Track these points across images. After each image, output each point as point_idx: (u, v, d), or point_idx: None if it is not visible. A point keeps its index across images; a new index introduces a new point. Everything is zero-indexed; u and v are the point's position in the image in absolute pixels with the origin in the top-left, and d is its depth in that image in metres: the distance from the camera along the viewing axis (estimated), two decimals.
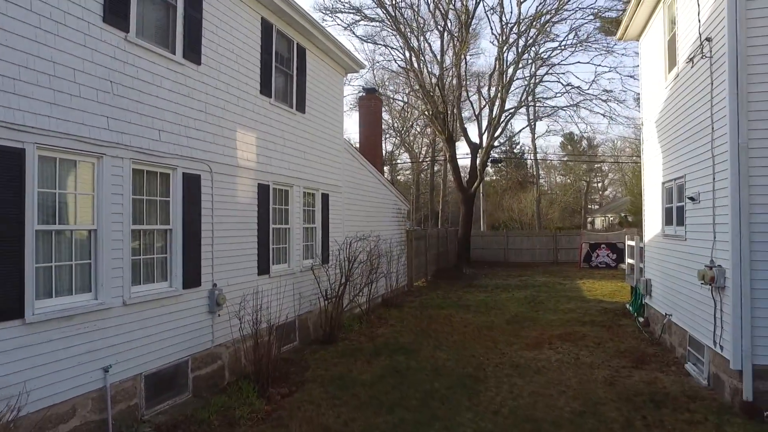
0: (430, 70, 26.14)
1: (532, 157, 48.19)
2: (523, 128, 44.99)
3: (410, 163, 46.96)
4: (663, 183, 10.43)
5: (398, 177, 52.20)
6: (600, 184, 74.50)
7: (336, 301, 11.27)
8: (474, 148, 26.71)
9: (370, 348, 10.35)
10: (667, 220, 10.24)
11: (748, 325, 6.73)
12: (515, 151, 70.54)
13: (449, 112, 25.63)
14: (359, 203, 14.59)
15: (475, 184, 26.67)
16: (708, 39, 7.53)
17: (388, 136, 44.85)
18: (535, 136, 46.36)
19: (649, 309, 11.89)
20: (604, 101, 27.68)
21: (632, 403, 7.20)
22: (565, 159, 63.08)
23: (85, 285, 5.92)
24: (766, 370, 6.76)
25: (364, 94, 18.55)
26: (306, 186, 11.06)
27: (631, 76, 37.59)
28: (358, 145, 16.93)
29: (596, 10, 25.54)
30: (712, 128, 7.47)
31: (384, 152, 45.88)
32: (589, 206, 67.36)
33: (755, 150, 6.80)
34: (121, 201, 6.29)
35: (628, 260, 15.67)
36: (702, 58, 7.70)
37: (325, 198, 11.92)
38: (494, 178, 74.29)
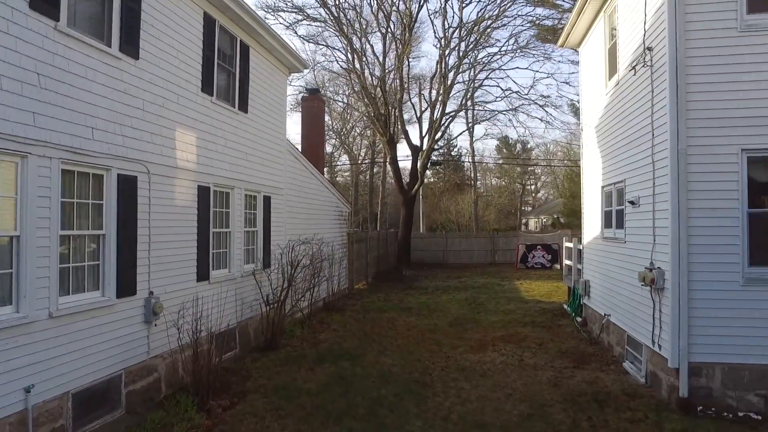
0: (372, 71, 26.12)
1: (470, 160, 48.99)
2: (463, 132, 45.57)
3: (349, 165, 46.79)
4: (603, 187, 10.73)
5: (337, 178, 51.92)
6: (533, 187, 76.80)
7: (278, 306, 10.96)
8: (415, 150, 26.85)
9: (314, 354, 10.12)
10: (607, 223, 10.54)
11: (685, 324, 6.97)
12: (453, 153, 71.82)
13: (391, 114, 25.65)
14: (302, 206, 14.30)
15: (416, 187, 26.83)
16: (649, 48, 7.77)
17: (327, 137, 44.50)
18: (474, 139, 47.16)
19: (587, 309, 12.22)
20: (542, 106, 28.36)
21: (577, 404, 7.31)
22: (500, 162, 64.59)
23: (5, 297, 5.41)
24: (700, 367, 7.04)
25: (306, 95, 18.25)
26: (248, 188, 10.70)
27: (566, 83, 38.86)
28: (299, 147, 16.59)
29: (534, 18, 26.22)
30: (653, 134, 7.71)
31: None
32: (523, 208, 69.29)
33: (693, 156, 7.05)
34: (48, 204, 5.80)
35: (566, 261, 16.11)
36: (643, 66, 7.94)
37: (267, 200, 11.58)
38: (432, 180, 75.25)
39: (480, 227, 46.71)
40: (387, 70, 25.29)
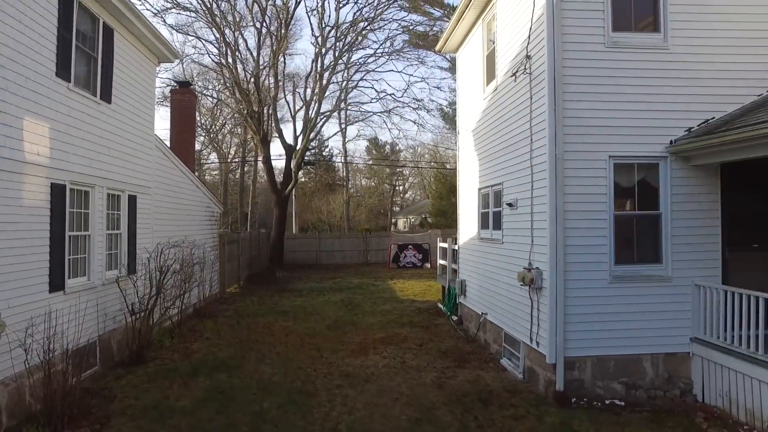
0: (246, 67, 25.12)
1: (342, 160, 49.12)
2: (336, 133, 45.54)
3: (219, 163, 44.84)
4: (480, 189, 11.07)
5: (206, 177, 49.56)
6: (401, 188, 78.89)
7: (145, 315, 10.04)
8: (289, 149, 26.27)
9: (187, 367, 9.37)
10: (484, 224, 10.89)
11: (561, 322, 7.33)
12: (324, 153, 71.70)
13: (265, 111, 24.86)
14: (171, 206, 13.29)
15: (290, 186, 26.26)
16: (528, 56, 8.09)
17: (196, 134, 42.32)
18: (346, 140, 47.33)
19: (463, 308, 12.59)
20: (415, 109, 29.06)
21: (463, 405, 7.40)
22: (371, 163, 65.56)
23: None
24: (574, 361, 7.44)
25: (176, 87, 16.98)
26: (111, 186, 9.66)
27: (438, 87, 40.37)
28: (168, 143, 15.42)
29: (407, 24, 26.79)
30: (531, 139, 8.03)
31: None
32: (393, 208, 70.98)
33: (569, 161, 7.43)
34: None
35: (440, 261, 16.54)
36: (524, 73, 8.24)
37: (132, 200, 10.57)
38: (303, 180, 74.53)
39: (351, 227, 47.01)
40: (261, 66, 24.44)
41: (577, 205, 7.44)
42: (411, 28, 26.40)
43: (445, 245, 15.48)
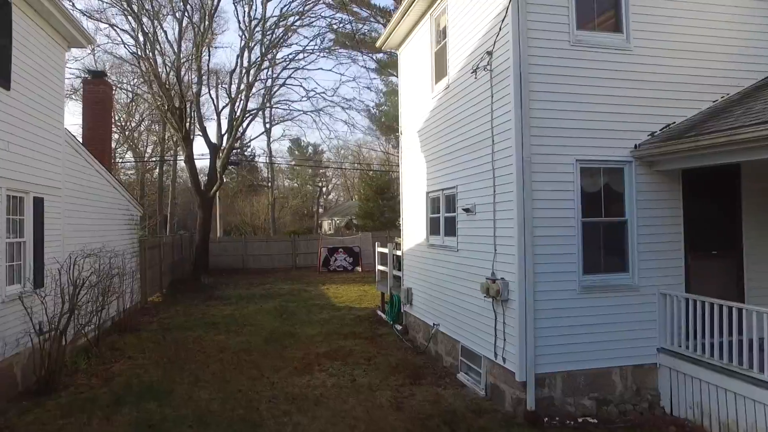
0: (166, 60, 23.44)
1: (267, 161, 47.55)
2: (262, 133, 43.73)
3: (134, 162, 42.17)
4: (428, 193, 10.54)
5: (121, 177, 46.50)
6: (324, 189, 78.16)
7: (57, 335, 8.77)
8: (214, 148, 24.82)
9: (108, 395, 8.21)
10: (433, 230, 10.36)
11: (532, 337, 6.87)
12: (246, 153, 69.65)
13: (187, 108, 23.31)
14: (86, 210, 11.91)
15: (215, 188, 24.80)
16: (489, 52, 7.59)
17: (112, 130, 39.49)
18: (271, 140, 45.86)
19: (409, 317, 12.02)
20: (345, 109, 28.31)
21: (428, 429, 6.80)
22: (293, 164, 64.30)
23: None
24: (544, 377, 7.01)
25: (90, 78, 15.32)
26: (11, 187, 8.33)
27: (368, 88, 39.74)
28: (81, 140, 13.89)
29: (334, 22, 26.01)
30: (493, 140, 7.55)
31: None
32: (318, 210, 69.95)
33: (537, 165, 6.99)
34: None
35: (380, 267, 15.92)
36: (484, 70, 7.74)
37: (39, 203, 9.23)
38: (225, 180, 71.93)
39: (277, 230, 45.60)
40: (183, 59, 22.89)
41: (546, 211, 7.01)
42: (337, 27, 25.66)
43: (385, 250, 14.88)
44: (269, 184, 49.00)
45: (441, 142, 9.74)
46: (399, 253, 13.75)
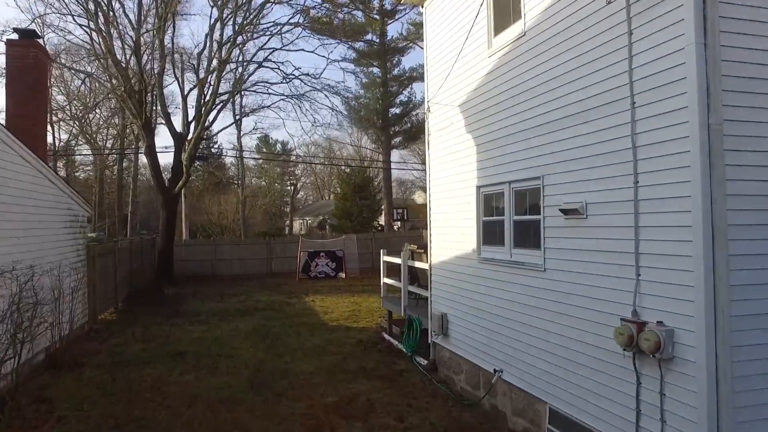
0: (124, 34, 20.04)
1: (237, 155, 44.06)
2: (232, 124, 39.89)
3: (92, 156, 38.26)
4: (480, 188, 7.71)
5: (77, 174, 42.48)
6: (292, 188, 75.59)
7: None
8: (179, 138, 21.55)
9: None
10: (489, 238, 7.53)
11: (730, 420, 4.12)
12: (213, 149, 66.16)
13: (148, 91, 20.01)
14: (7, 211, 8.76)
15: (180, 184, 21.54)
16: None
17: (62, 122, 35.52)
18: (242, 133, 42.44)
19: (441, 351, 9.21)
20: (330, 95, 25.29)
21: None
22: (266, 158, 61.09)
23: None
24: None
25: (15, 38, 11.90)
26: None
27: (353, 73, 36.78)
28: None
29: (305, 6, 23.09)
30: (633, 102, 4.77)
31: (57, 142, 36.42)
32: (292, 209, 66.95)
33: (734, 139, 4.23)
34: None
35: (388, 280, 13.06)
36: None
37: None
38: (191, 178, 68.18)
39: (248, 230, 42.23)
40: (144, 31, 19.58)
41: (752, 215, 4.27)
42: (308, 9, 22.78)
43: (396, 260, 12.02)
44: (238, 182, 45.43)
45: (508, 115, 6.91)
46: (419, 265, 10.92)
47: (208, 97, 21.01)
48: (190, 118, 21.60)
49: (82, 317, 12.92)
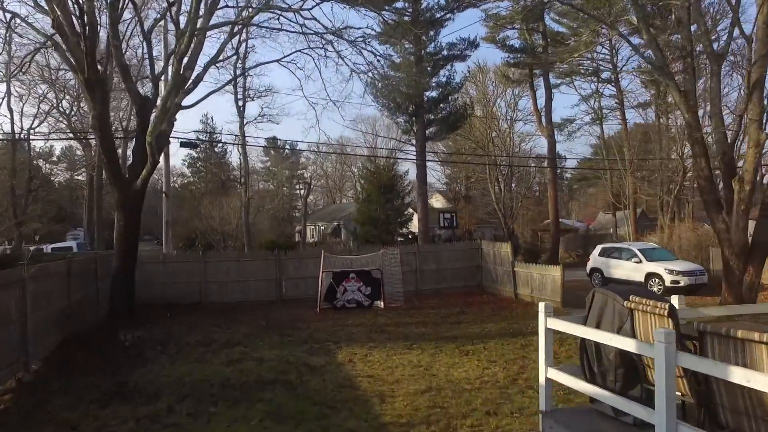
0: None
1: (241, 149, 36.60)
2: (229, 81, 29.52)
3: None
4: None
5: None
6: (303, 191, 69.85)
7: None
8: (144, 104, 14.16)
9: None
10: None
11: None
12: (216, 150, 60.14)
13: (92, 28, 12.69)
14: None
15: (144, 173, 14.09)
16: None
17: None
18: (245, 121, 35.02)
19: None
20: (361, 50, 17.66)
21: None
22: (269, 147, 54.28)
23: None
24: None
25: None
26: None
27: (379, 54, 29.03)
28: None
29: None
30: None
31: None
32: (294, 214, 60.75)
33: None
34: None
35: (562, 376, 5.57)
36: None
37: None
38: (192, 179, 62.00)
39: (252, 240, 34.90)
40: None
41: None
42: None
43: (594, 336, 4.55)
44: (242, 181, 37.89)
45: None
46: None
47: (187, 35, 13.33)
48: (157, 71, 14.19)
49: None
